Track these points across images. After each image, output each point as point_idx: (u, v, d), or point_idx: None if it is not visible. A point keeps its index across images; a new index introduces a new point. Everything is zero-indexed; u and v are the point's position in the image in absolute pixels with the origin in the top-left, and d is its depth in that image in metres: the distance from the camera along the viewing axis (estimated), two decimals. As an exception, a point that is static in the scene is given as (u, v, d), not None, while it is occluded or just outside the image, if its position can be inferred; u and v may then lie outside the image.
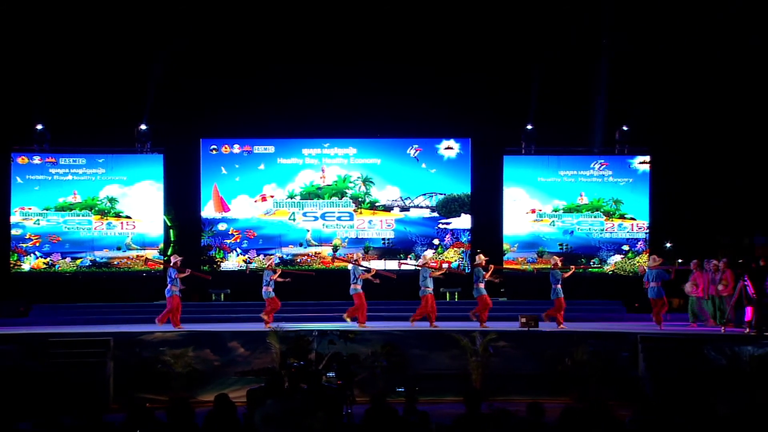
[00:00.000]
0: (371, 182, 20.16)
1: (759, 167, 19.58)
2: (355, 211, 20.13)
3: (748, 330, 14.74)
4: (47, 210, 19.49)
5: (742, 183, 19.62)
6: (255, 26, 19.34)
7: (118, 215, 19.65)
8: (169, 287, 15.78)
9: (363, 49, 19.30)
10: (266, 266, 16.61)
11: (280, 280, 16.13)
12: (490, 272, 16.11)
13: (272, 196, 20.09)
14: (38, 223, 19.46)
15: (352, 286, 15.86)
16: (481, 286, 15.87)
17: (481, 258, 16.29)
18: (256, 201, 20.06)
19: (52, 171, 19.58)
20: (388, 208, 20.10)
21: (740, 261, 15.67)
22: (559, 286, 15.94)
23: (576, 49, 19.07)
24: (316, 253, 19.97)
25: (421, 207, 20.08)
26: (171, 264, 16.14)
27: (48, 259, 19.48)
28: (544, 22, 18.81)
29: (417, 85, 19.43)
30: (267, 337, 14.15)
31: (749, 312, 14.97)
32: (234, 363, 14.22)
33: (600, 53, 19.09)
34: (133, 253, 19.64)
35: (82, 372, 13.30)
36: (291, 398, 8.32)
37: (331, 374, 11.97)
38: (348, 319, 15.66)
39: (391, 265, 19.49)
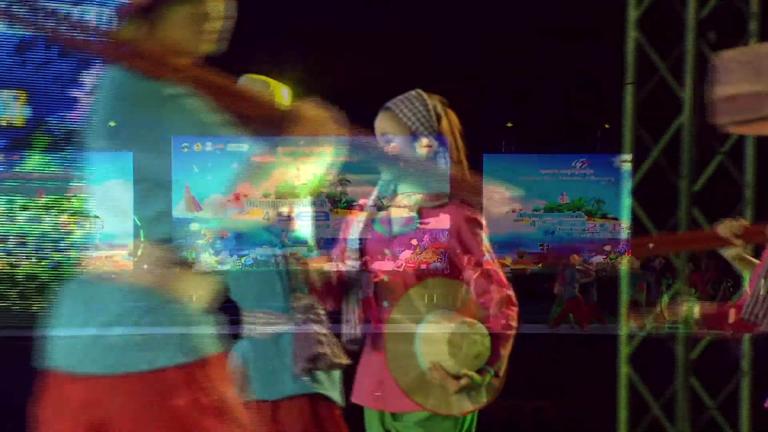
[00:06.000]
0: (348, 181, 19.79)
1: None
2: (331, 210, 19.75)
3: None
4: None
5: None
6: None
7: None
8: None
9: (344, 44, 19.12)
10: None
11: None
12: (589, 275, 15.67)
13: (246, 195, 19.68)
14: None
15: None
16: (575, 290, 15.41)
17: (575, 258, 15.69)
18: (229, 200, 19.65)
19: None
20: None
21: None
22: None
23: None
24: (291, 253, 19.58)
25: (399, 207, 19.77)
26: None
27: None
28: (535, 18, 18.76)
29: (394, 79, 19.21)
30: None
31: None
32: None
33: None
34: (101, 254, 19.18)
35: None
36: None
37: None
38: None
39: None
